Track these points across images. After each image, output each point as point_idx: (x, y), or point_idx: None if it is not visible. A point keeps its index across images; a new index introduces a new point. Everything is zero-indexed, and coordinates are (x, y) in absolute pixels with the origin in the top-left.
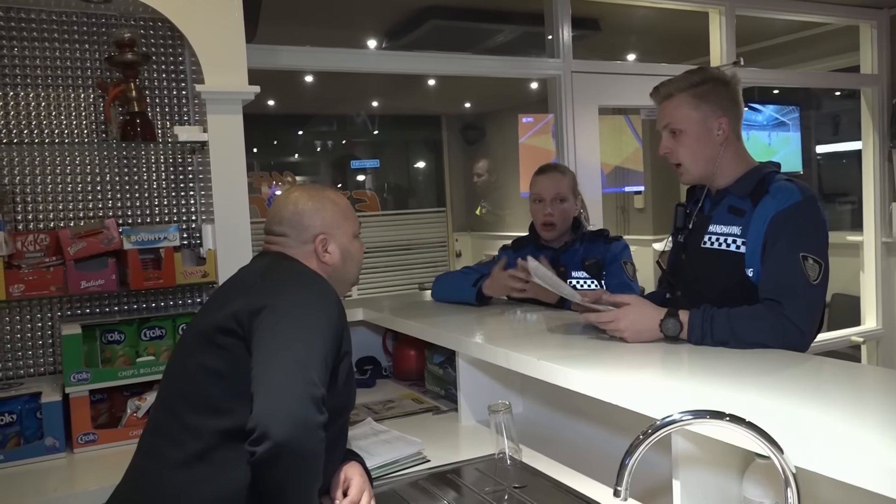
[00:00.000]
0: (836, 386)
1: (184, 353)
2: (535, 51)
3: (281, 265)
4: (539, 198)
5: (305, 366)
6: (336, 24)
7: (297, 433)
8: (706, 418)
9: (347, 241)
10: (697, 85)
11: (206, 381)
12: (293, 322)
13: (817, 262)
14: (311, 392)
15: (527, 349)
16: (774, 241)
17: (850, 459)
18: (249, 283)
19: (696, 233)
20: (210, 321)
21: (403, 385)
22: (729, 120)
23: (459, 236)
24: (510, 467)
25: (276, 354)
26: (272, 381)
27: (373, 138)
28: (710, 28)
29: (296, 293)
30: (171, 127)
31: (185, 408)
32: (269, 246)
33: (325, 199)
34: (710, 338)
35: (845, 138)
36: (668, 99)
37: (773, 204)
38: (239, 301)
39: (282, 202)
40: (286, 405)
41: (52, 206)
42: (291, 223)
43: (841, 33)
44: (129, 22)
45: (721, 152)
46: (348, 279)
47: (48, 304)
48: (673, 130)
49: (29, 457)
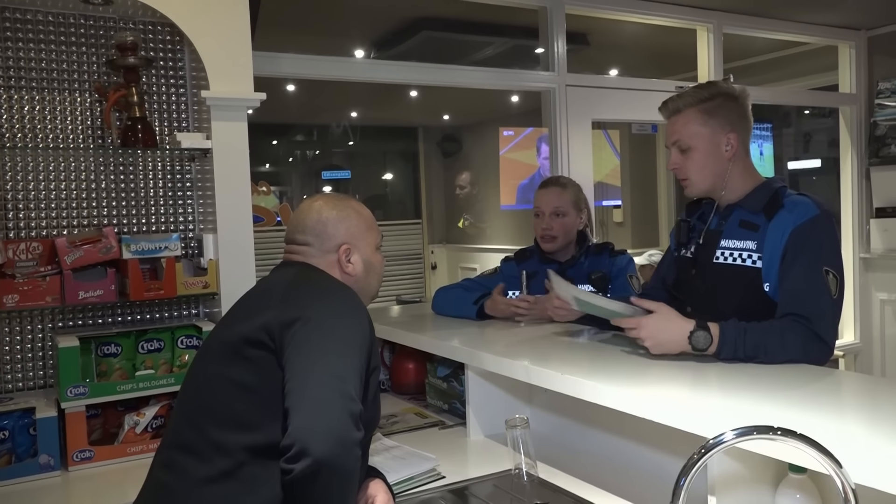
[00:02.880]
0: (871, 400)
1: (208, 364)
2: (525, 64)
3: (309, 276)
4: (538, 211)
5: (343, 380)
6: (327, 32)
7: (337, 450)
8: (755, 435)
9: (370, 252)
10: (706, 100)
11: (234, 395)
12: (328, 334)
13: (836, 277)
14: (350, 407)
15: (546, 362)
16: (795, 255)
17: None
18: (277, 294)
19: (707, 248)
20: (237, 332)
21: (403, 399)
22: (738, 135)
23: (435, 248)
24: (527, 483)
25: (313, 368)
26: (310, 396)
27: (348, 149)
28: (697, 45)
29: (328, 305)
30: (170, 133)
31: (211, 422)
32: (292, 256)
33: (349, 208)
34: (741, 352)
35: (816, 155)
36: (677, 114)
37: (790, 218)
38: (269, 313)
39: (305, 211)
40: (326, 421)
41: (45, 214)
42: (315, 232)
43: (819, 53)
44: (129, 25)
45: (730, 167)
46: (370, 291)
47: (40, 315)
48: (681, 147)
49: (22, 475)
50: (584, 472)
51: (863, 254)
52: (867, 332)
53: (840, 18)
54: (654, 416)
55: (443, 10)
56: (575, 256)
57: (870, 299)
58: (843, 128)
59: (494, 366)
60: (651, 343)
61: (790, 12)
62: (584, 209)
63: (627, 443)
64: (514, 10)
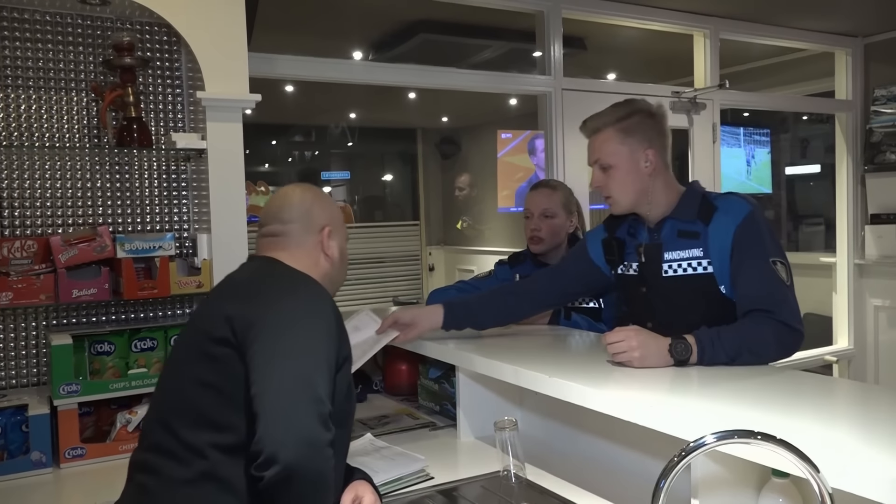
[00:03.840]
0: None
1: (177, 365)
2: (522, 67)
3: (274, 270)
4: (527, 213)
5: (310, 382)
6: (326, 34)
7: (306, 455)
8: (736, 439)
9: (343, 244)
10: (623, 119)
11: (202, 395)
12: (292, 334)
13: (783, 264)
14: (318, 409)
15: (535, 365)
16: (741, 254)
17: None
18: (242, 289)
19: (651, 263)
20: (202, 330)
21: (395, 400)
22: (656, 151)
23: (433, 250)
24: (515, 485)
25: (278, 371)
26: (276, 401)
27: (347, 150)
28: (694, 50)
29: (293, 300)
30: (165, 133)
31: (183, 424)
32: (267, 241)
33: (328, 198)
34: (722, 355)
35: (813, 161)
36: (596, 134)
37: (728, 219)
38: (232, 308)
39: (285, 196)
40: (293, 427)
41: (41, 212)
42: (301, 211)
43: (816, 59)
44: (126, 25)
45: (651, 183)
46: (339, 281)
47: (34, 312)
48: (602, 166)
49: (14, 472)
50: (572, 474)
51: (857, 260)
52: (861, 338)
53: (837, 25)
54: (638, 419)
55: (440, 14)
56: None
57: (864, 305)
58: (839, 134)
59: (484, 368)
60: (639, 354)
61: (787, 19)
62: (574, 212)
63: (615, 446)
64: (511, 14)
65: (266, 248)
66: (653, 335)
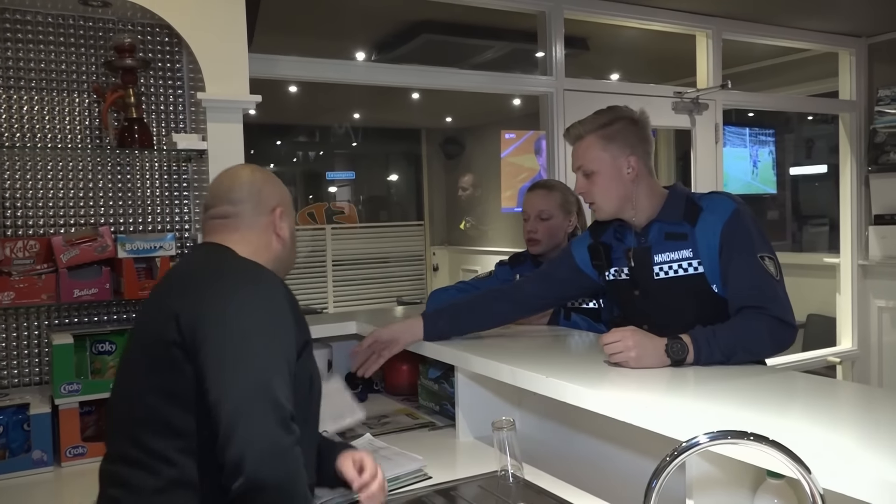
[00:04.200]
0: (847, 405)
1: (131, 372)
2: (524, 67)
3: (221, 261)
4: (525, 215)
5: (268, 386)
6: (328, 35)
7: (271, 463)
8: (729, 439)
9: (293, 223)
10: (606, 125)
11: (163, 404)
12: (246, 335)
13: (771, 259)
14: (278, 414)
15: (532, 365)
16: (730, 251)
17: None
18: (188, 284)
19: (642, 267)
20: (152, 332)
21: (396, 400)
22: (638, 157)
23: (437, 250)
24: (513, 485)
25: (233, 378)
26: (235, 411)
27: (352, 150)
28: (696, 51)
29: (243, 296)
30: (166, 134)
31: (147, 433)
32: (216, 223)
33: (277, 178)
34: (717, 353)
35: (818, 161)
36: (579, 140)
37: (714, 219)
38: (178, 305)
39: (234, 175)
40: (254, 438)
41: (42, 213)
42: (252, 190)
43: (820, 59)
44: (128, 27)
45: (634, 189)
46: (290, 263)
47: (36, 312)
48: (585, 172)
49: (15, 470)
50: (570, 474)
51: (861, 261)
52: (865, 338)
53: (840, 26)
54: (633, 419)
55: (442, 14)
56: None
57: (868, 306)
58: (843, 134)
59: (481, 368)
60: (635, 354)
61: (790, 19)
62: (573, 212)
63: (614, 446)
64: (513, 15)
65: (214, 231)
66: (649, 335)
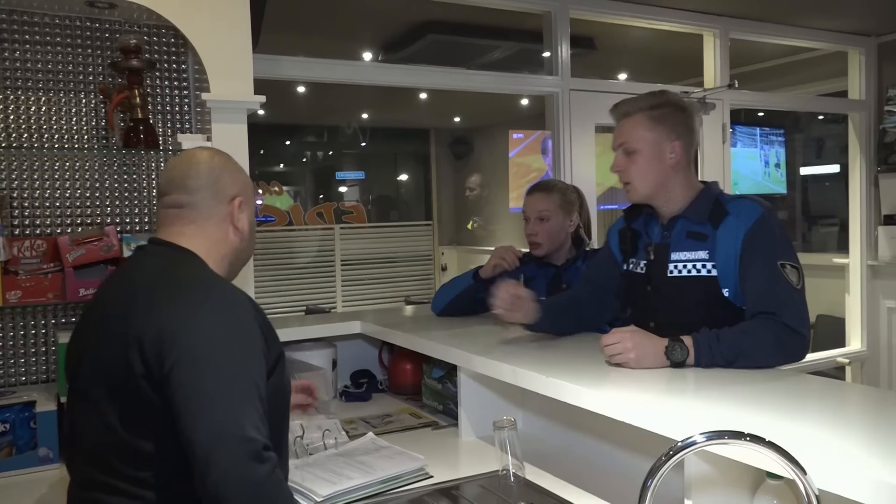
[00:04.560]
0: (847, 407)
1: (96, 402)
2: (531, 68)
3: (182, 273)
4: (525, 217)
5: (238, 423)
6: (335, 36)
7: (248, 495)
8: (725, 439)
9: (252, 217)
10: (656, 107)
11: (134, 432)
12: (215, 367)
13: (794, 267)
14: (250, 448)
15: (533, 365)
16: (751, 257)
17: (864, 479)
18: (147, 302)
19: (658, 263)
20: (112, 360)
21: (399, 399)
22: (682, 144)
23: (445, 250)
24: (514, 484)
25: (205, 418)
26: (207, 451)
27: (361, 150)
28: (704, 50)
29: (209, 323)
30: (172, 135)
31: (121, 461)
32: (171, 213)
33: (239, 165)
34: (719, 357)
35: (828, 161)
36: (626, 118)
37: (738, 223)
38: (140, 329)
39: (191, 161)
40: (227, 475)
41: (50, 212)
42: (211, 178)
43: (829, 59)
44: (133, 28)
45: (671, 175)
46: (247, 255)
47: (42, 311)
48: (627, 150)
49: (22, 467)
50: (572, 474)
51: (870, 261)
52: (874, 339)
53: (850, 25)
54: (631, 419)
55: (448, 14)
56: (570, 260)
57: (877, 307)
58: (852, 134)
59: (483, 367)
60: (634, 355)
61: (798, 18)
62: (574, 211)
63: (616, 447)
64: (519, 15)
65: (169, 222)
66: (649, 336)
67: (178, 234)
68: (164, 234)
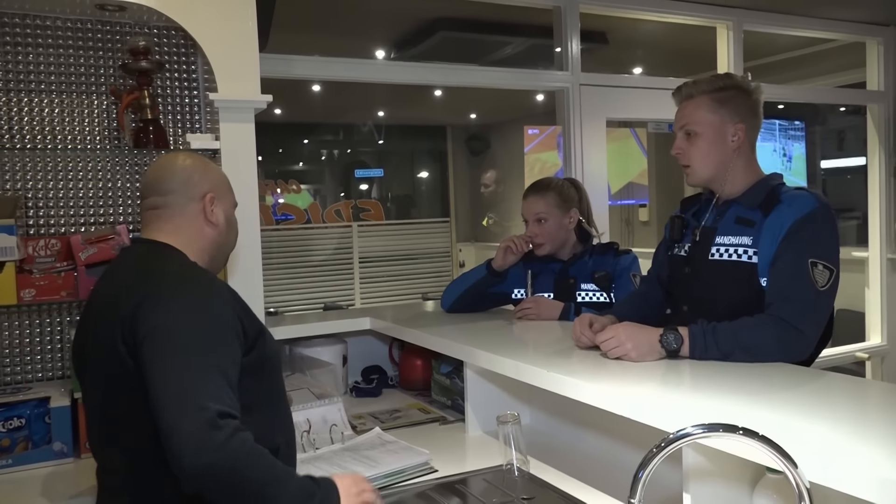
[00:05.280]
0: (846, 401)
1: (99, 389)
2: (544, 63)
3: (156, 264)
4: (524, 219)
5: (193, 391)
6: (346, 34)
7: (208, 457)
8: (719, 432)
9: (230, 209)
10: (720, 90)
11: (133, 415)
12: (180, 340)
13: (827, 269)
14: (204, 416)
15: (536, 360)
16: (786, 247)
17: (859, 474)
18: (128, 293)
19: (702, 245)
20: (105, 347)
21: (409, 395)
22: (746, 128)
23: (463, 246)
24: (518, 479)
25: (163, 387)
26: (167, 421)
27: (378, 147)
28: (717, 43)
29: (175, 298)
30: (182, 134)
31: (130, 439)
32: (149, 214)
33: (211, 163)
34: (714, 349)
35: (850, 154)
36: (689, 100)
37: (789, 212)
38: (121, 313)
39: (164, 165)
40: (182, 445)
41: (63, 212)
42: (181, 179)
43: (847, 50)
44: (144, 30)
45: (733, 159)
46: (228, 247)
47: (57, 308)
48: (688, 132)
49: (37, 461)
50: (577, 469)
51: (890, 254)
52: (894, 334)
53: (867, 14)
54: (629, 412)
55: (458, 11)
56: (578, 255)
57: None
58: (871, 126)
59: (487, 363)
60: (631, 344)
61: (814, 8)
62: (572, 206)
63: (620, 442)
64: (530, 10)
65: (149, 223)
66: (642, 327)
67: (156, 232)
68: (146, 233)
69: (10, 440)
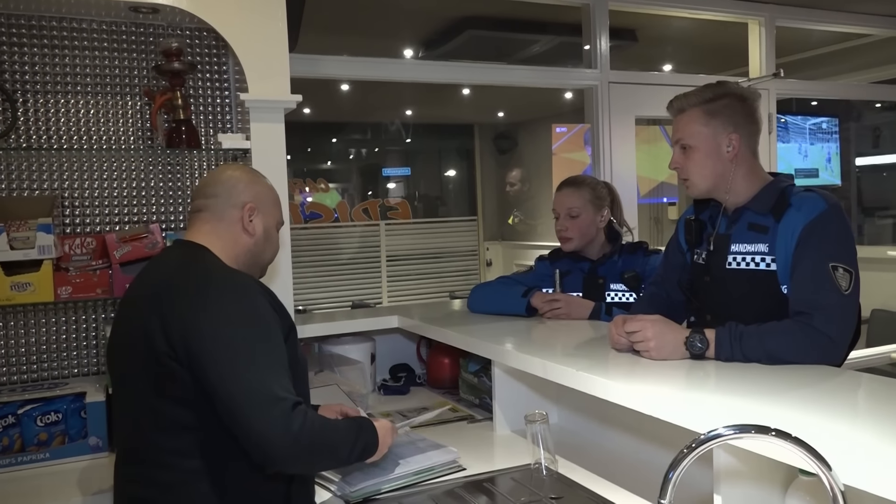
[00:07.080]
0: (880, 402)
1: (137, 387)
2: (572, 61)
3: (198, 266)
4: (555, 213)
5: (265, 385)
6: (374, 34)
7: (289, 449)
8: (751, 433)
9: (272, 225)
10: (711, 101)
11: (176, 410)
12: (236, 342)
13: (847, 271)
14: (282, 408)
15: (564, 359)
16: (803, 252)
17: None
18: (171, 293)
19: (718, 254)
20: (142, 345)
21: (437, 393)
22: (741, 136)
23: (490, 245)
24: (546, 478)
25: (235, 386)
26: (246, 416)
27: (405, 146)
28: (749, 39)
29: (219, 299)
30: (214, 134)
31: (163, 436)
32: (194, 216)
33: (262, 179)
34: (740, 354)
35: (886, 151)
36: (681, 113)
37: (799, 216)
38: (165, 316)
39: (215, 174)
40: (265, 439)
41: (98, 211)
42: (226, 186)
43: (882, 45)
44: (176, 32)
45: (732, 169)
46: (263, 261)
47: (93, 306)
48: (684, 146)
49: (73, 455)
50: (605, 469)
51: None
52: None
53: None
54: (661, 413)
55: (486, 10)
56: (607, 254)
57: None
58: None
59: (515, 361)
60: (655, 344)
61: (847, 3)
62: (604, 206)
63: (648, 441)
64: (558, 8)
65: (191, 224)
66: (671, 326)
67: (195, 233)
68: (187, 234)
69: (47, 434)
